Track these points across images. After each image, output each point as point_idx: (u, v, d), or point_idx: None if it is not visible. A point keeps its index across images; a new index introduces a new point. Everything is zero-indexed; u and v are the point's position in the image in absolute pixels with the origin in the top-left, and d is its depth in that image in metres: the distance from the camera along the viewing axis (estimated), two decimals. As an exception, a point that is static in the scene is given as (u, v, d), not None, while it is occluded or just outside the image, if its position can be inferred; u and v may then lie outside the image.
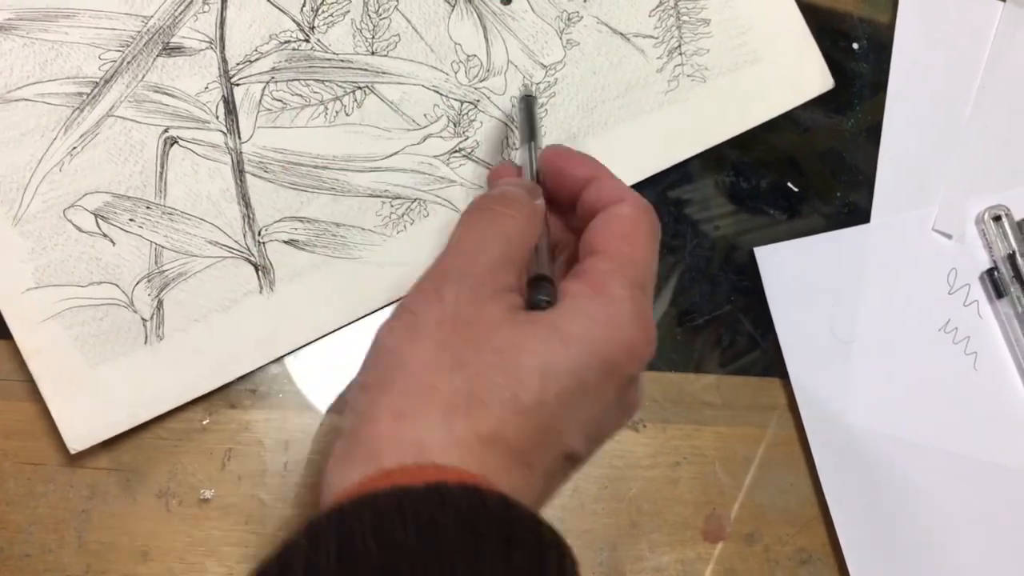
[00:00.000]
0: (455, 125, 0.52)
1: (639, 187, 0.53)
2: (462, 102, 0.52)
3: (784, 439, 0.53)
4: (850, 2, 0.57)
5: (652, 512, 0.51)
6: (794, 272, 0.54)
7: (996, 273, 0.53)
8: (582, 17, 0.54)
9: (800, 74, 0.55)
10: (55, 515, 0.48)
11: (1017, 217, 0.54)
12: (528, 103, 0.49)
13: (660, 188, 0.54)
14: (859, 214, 0.55)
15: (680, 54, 0.55)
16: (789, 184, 0.55)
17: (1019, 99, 0.56)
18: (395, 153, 0.51)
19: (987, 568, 0.51)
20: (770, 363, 0.53)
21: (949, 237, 0.55)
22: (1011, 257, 0.53)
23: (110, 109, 0.49)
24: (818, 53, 0.56)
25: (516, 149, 0.51)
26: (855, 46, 0.57)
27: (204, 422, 0.49)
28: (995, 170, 0.55)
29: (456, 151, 0.52)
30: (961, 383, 0.53)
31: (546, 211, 0.41)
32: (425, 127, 0.52)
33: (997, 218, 0.53)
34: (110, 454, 0.48)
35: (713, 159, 0.55)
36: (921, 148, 0.56)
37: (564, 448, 0.35)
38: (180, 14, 0.50)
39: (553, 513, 0.50)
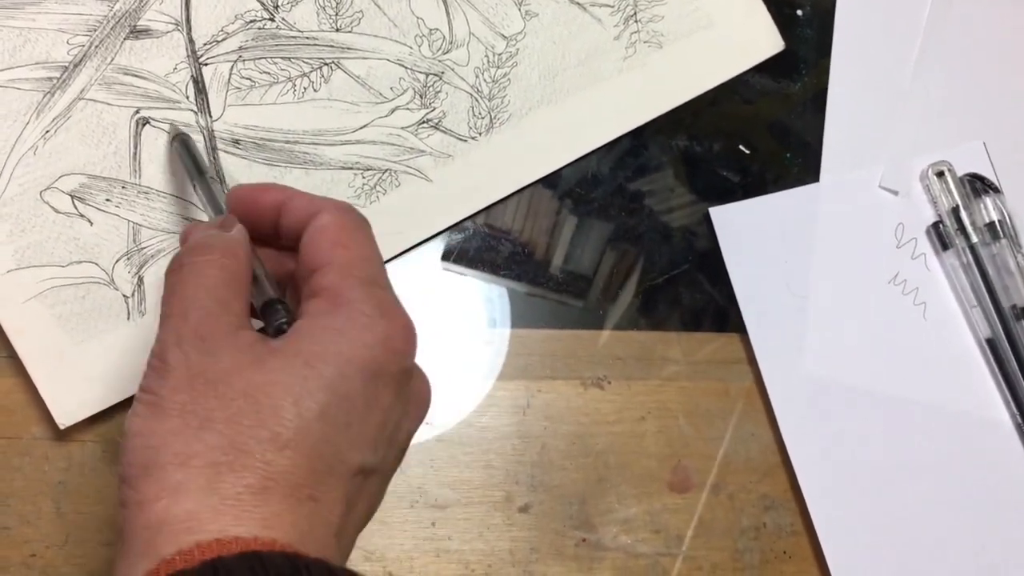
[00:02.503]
0: (421, 97, 0.53)
1: (599, 152, 0.55)
2: (427, 74, 0.54)
3: (745, 391, 0.54)
4: None
5: (619, 466, 0.53)
6: (748, 231, 0.55)
7: (941, 226, 0.55)
8: (540, -12, 0.55)
9: (752, 37, 0.57)
10: (32, 487, 0.49)
11: (959, 172, 0.55)
12: (183, 142, 0.48)
13: (616, 154, 0.56)
14: (809, 174, 0.57)
15: (636, 21, 0.56)
16: (741, 147, 0.57)
17: (958, 59, 0.58)
18: (364, 126, 0.53)
19: (939, 505, 0.53)
20: (728, 319, 0.55)
21: (895, 193, 0.56)
22: (955, 211, 0.55)
23: (81, 92, 0.50)
24: (768, 16, 0.57)
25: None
26: (799, 12, 0.58)
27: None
28: (937, 128, 0.57)
29: (424, 122, 0.53)
30: (911, 333, 0.55)
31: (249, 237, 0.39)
32: (392, 100, 0.53)
33: (940, 174, 0.55)
34: (85, 425, 0.49)
35: (667, 124, 0.56)
36: (866, 109, 0.57)
37: (350, 466, 0.34)
38: (146, -4, 0.51)
39: (523, 470, 0.52)
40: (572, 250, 0.55)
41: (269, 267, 0.40)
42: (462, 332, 0.54)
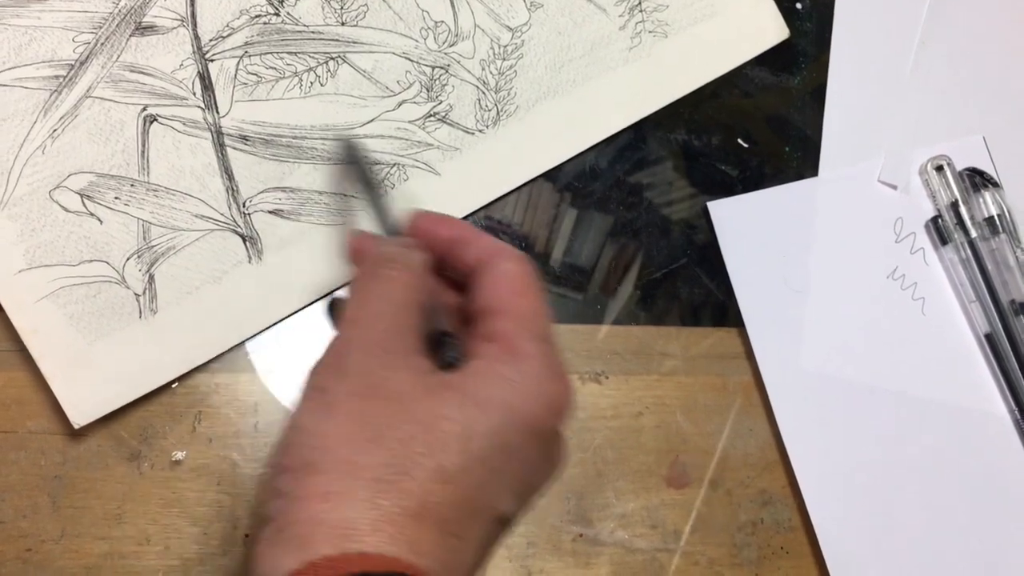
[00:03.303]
0: (428, 90, 0.53)
1: (598, 146, 0.55)
2: (433, 67, 0.54)
3: (742, 386, 0.55)
4: None
5: (616, 461, 0.53)
6: (746, 225, 0.55)
7: (940, 221, 0.56)
8: (545, -22, 0.55)
9: (756, 25, 0.57)
10: (27, 481, 0.49)
11: (959, 167, 0.56)
12: (352, 152, 0.47)
13: (615, 148, 0.56)
14: (808, 168, 0.57)
15: (641, 11, 0.56)
16: (740, 141, 0.57)
17: (958, 53, 0.58)
18: (371, 120, 0.53)
19: (937, 500, 0.53)
20: (727, 313, 0.55)
21: (894, 188, 0.57)
22: (954, 205, 0.55)
23: (87, 90, 0.50)
24: (772, 4, 0.57)
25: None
26: (798, 6, 0.58)
27: (173, 385, 0.51)
28: (937, 122, 0.57)
29: (431, 115, 0.53)
30: (910, 327, 0.55)
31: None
32: (399, 93, 0.53)
33: (940, 168, 0.56)
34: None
35: (665, 119, 0.56)
36: (865, 103, 0.57)
37: (493, 512, 0.35)
38: (151, -7, 0.51)
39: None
40: (571, 243, 0.55)
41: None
42: None
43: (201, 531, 0.50)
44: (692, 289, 0.55)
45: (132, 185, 0.50)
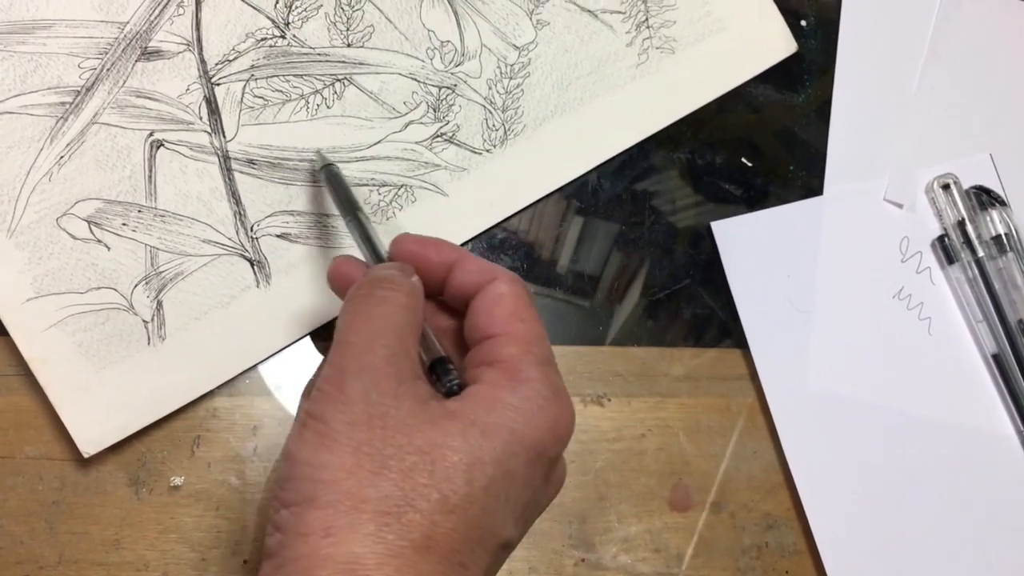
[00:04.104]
0: (435, 110, 0.53)
1: (601, 164, 0.55)
2: (440, 87, 0.53)
3: (746, 408, 0.54)
4: None
5: (619, 484, 0.53)
6: (751, 245, 0.55)
7: (947, 240, 0.55)
8: (551, -3, 0.55)
9: (764, 39, 0.57)
10: (25, 507, 0.49)
11: (965, 185, 0.56)
12: (332, 174, 0.47)
13: (617, 167, 0.56)
14: (813, 187, 0.57)
15: (648, 27, 0.56)
16: (744, 160, 0.57)
17: (963, 71, 0.58)
18: (378, 142, 0.53)
19: (944, 523, 0.53)
20: (730, 334, 0.55)
21: (900, 206, 0.56)
22: (960, 224, 0.55)
23: (94, 116, 0.50)
24: (780, 18, 0.57)
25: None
26: (803, 23, 0.58)
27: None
28: (943, 140, 0.57)
29: (438, 136, 0.53)
30: (916, 348, 0.55)
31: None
32: (406, 114, 0.53)
33: (946, 187, 0.56)
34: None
35: (669, 138, 0.56)
36: (870, 121, 0.57)
37: (498, 539, 0.35)
38: (155, 18, 0.50)
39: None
40: (577, 256, 0.55)
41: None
42: None
43: (199, 556, 0.50)
44: (695, 309, 0.55)
45: (139, 211, 0.50)
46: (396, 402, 0.34)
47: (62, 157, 0.49)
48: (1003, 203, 0.55)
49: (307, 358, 0.52)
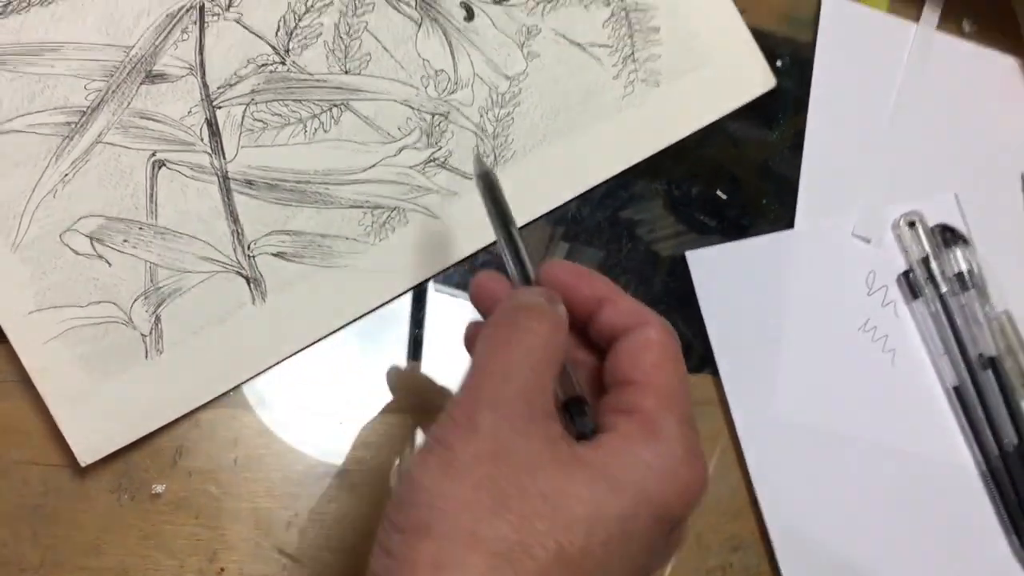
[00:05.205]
0: (428, 136, 0.55)
1: (597, 189, 0.57)
2: (433, 114, 0.55)
3: (715, 432, 0.55)
4: (774, 21, 0.60)
5: None
6: (723, 274, 0.57)
7: (911, 275, 0.57)
8: (541, 30, 0.57)
9: (745, 74, 0.59)
10: (9, 511, 0.50)
11: (930, 223, 0.58)
12: (488, 183, 0.42)
13: (602, 195, 0.57)
14: (785, 219, 0.59)
15: (634, 61, 0.58)
16: (719, 192, 0.59)
17: (931, 114, 0.60)
18: (373, 165, 0.54)
19: (907, 550, 0.54)
20: (702, 360, 0.56)
21: (868, 241, 0.58)
22: (925, 260, 0.57)
23: (98, 136, 0.51)
24: (760, 54, 0.59)
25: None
26: (779, 63, 0.60)
27: (155, 419, 0.51)
28: (910, 179, 0.59)
29: (431, 161, 0.55)
30: (880, 379, 0.56)
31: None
32: (400, 139, 0.55)
33: (912, 224, 0.58)
34: (63, 451, 0.50)
35: (650, 168, 0.58)
36: (841, 159, 0.59)
37: None
38: (160, 43, 0.52)
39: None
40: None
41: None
42: (450, 364, 0.55)
43: (178, 564, 0.51)
44: (668, 336, 0.57)
45: (140, 228, 0.52)
46: (525, 440, 0.33)
47: (67, 175, 0.51)
48: (966, 242, 0.57)
49: (290, 374, 0.53)
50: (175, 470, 0.52)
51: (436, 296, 0.56)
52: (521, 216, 0.56)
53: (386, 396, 0.54)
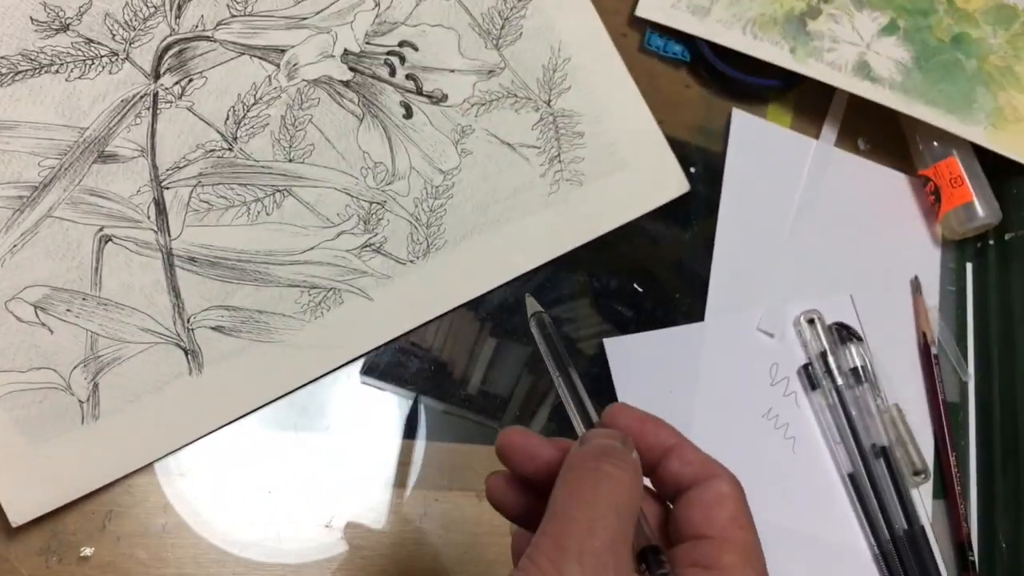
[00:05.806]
0: (365, 223, 0.59)
1: (512, 283, 0.60)
2: (371, 203, 0.59)
3: None
4: (688, 132, 0.65)
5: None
6: (638, 362, 0.60)
7: (811, 368, 0.61)
8: (474, 130, 0.61)
9: (661, 178, 0.64)
10: None
11: (828, 321, 0.62)
12: (541, 324, 0.43)
13: (516, 285, 0.60)
14: (696, 313, 0.62)
15: (559, 161, 0.62)
16: (635, 285, 0.63)
17: (829, 222, 0.65)
18: (312, 248, 0.58)
19: None
20: None
21: (771, 336, 0.62)
22: (823, 355, 0.60)
23: (49, 210, 0.54)
24: (675, 161, 0.64)
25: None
26: (692, 170, 0.65)
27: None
28: (810, 280, 0.63)
29: (367, 246, 0.58)
30: (782, 464, 0.59)
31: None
32: (338, 225, 0.58)
33: (811, 321, 0.61)
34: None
35: (568, 262, 0.61)
36: (747, 259, 0.63)
37: None
38: (114, 126, 0.55)
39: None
40: (487, 377, 0.59)
41: None
42: (372, 442, 0.57)
43: None
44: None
45: (84, 299, 0.54)
46: None
47: (15, 246, 0.53)
48: (860, 339, 0.61)
49: (222, 443, 0.55)
50: (104, 534, 0.53)
51: (361, 387, 0.58)
52: (452, 300, 0.59)
53: (314, 468, 0.56)
